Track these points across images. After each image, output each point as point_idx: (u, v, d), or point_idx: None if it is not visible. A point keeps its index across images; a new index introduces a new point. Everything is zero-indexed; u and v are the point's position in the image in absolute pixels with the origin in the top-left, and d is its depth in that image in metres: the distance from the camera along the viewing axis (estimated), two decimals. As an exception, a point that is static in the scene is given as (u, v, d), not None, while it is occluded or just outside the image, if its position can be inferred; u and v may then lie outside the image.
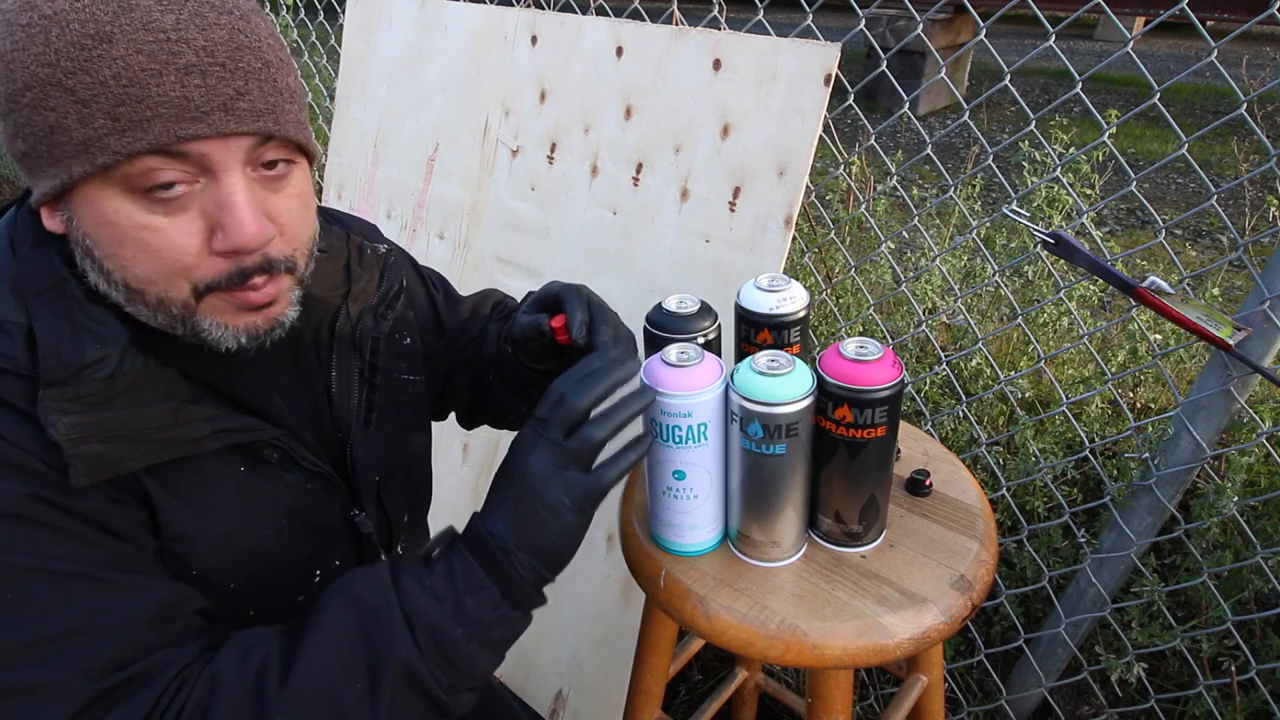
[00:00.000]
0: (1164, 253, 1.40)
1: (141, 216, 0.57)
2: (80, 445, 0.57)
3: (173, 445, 0.62)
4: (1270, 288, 1.00)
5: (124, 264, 0.58)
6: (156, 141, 0.54)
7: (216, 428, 0.64)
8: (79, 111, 0.54)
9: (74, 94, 0.53)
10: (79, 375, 0.58)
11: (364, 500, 0.78)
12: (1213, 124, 1.10)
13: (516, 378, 0.87)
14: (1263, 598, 1.39)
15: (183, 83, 0.54)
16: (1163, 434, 1.21)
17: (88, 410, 0.58)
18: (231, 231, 0.58)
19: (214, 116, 0.56)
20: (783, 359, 0.70)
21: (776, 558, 0.77)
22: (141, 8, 0.54)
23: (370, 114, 1.70)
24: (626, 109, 1.32)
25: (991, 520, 0.83)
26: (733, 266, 1.23)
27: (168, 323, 0.61)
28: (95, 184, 0.56)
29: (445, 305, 0.95)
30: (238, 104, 0.57)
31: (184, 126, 0.55)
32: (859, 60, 5.96)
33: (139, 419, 0.60)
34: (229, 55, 0.56)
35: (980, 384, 1.67)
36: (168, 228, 0.57)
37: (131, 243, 0.57)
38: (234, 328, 0.63)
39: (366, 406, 0.80)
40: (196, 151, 0.56)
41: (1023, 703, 1.49)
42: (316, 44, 2.44)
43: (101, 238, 0.58)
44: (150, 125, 0.54)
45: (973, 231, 1.39)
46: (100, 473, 0.58)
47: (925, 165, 4.31)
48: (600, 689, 1.42)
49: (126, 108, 0.53)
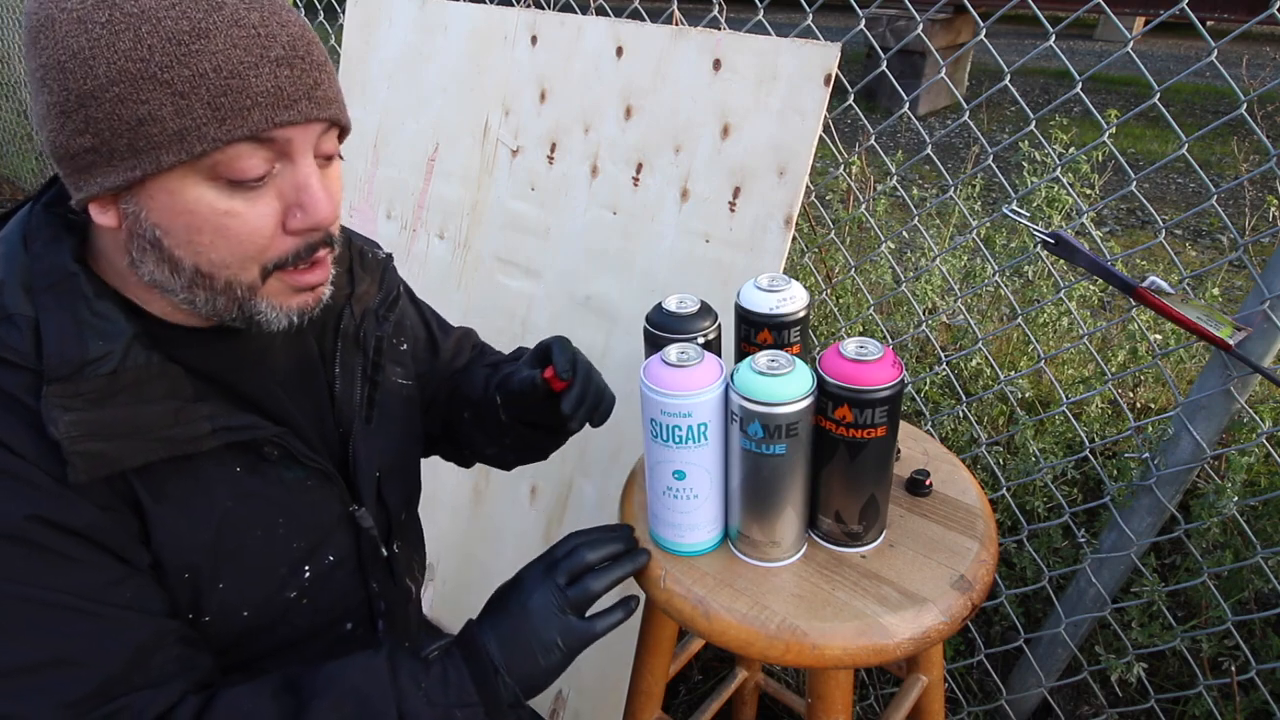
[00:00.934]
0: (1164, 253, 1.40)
1: (223, 203, 0.60)
2: (80, 443, 0.58)
3: (172, 443, 0.63)
4: (1270, 288, 1.00)
5: (199, 250, 0.61)
6: (255, 128, 0.58)
7: (217, 425, 0.65)
8: (175, 103, 0.56)
9: (171, 86, 0.56)
10: (81, 371, 0.59)
11: (364, 495, 0.80)
12: (1213, 124, 1.10)
13: (493, 424, 0.92)
14: (1263, 598, 1.39)
15: (275, 74, 0.58)
16: (1163, 434, 1.21)
17: (89, 407, 0.59)
18: (311, 210, 0.62)
19: (302, 104, 0.60)
20: (783, 359, 0.70)
21: (776, 558, 0.77)
22: (229, 5, 0.57)
23: (370, 114, 1.70)
24: (626, 109, 1.32)
25: (991, 520, 0.83)
26: (733, 266, 1.23)
27: (225, 307, 0.64)
28: (179, 174, 0.58)
29: (438, 328, 1.00)
30: (316, 93, 0.61)
31: (279, 114, 0.58)
32: (859, 60, 5.96)
33: (140, 416, 0.61)
34: (306, 49, 0.61)
35: (980, 384, 1.67)
36: (247, 212, 0.60)
37: (211, 229, 0.60)
38: (287, 308, 0.66)
39: (368, 404, 0.82)
40: (283, 137, 0.60)
41: (1023, 703, 1.49)
42: (316, 44, 2.44)
43: (177, 226, 0.60)
44: (250, 114, 0.57)
45: (973, 231, 1.39)
46: (98, 470, 0.59)
47: (925, 165, 4.31)
48: (600, 689, 1.42)
49: (227, 98, 0.57)
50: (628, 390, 1.23)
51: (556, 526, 1.46)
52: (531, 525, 1.49)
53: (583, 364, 0.84)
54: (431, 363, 0.97)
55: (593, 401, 0.84)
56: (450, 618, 1.64)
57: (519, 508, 1.51)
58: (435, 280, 1.60)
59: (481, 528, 1.58)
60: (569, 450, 1.42)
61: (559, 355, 0.83)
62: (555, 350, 0.84)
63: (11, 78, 4.00)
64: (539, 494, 1.48)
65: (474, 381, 0.95)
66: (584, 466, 1.42)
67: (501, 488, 1.54)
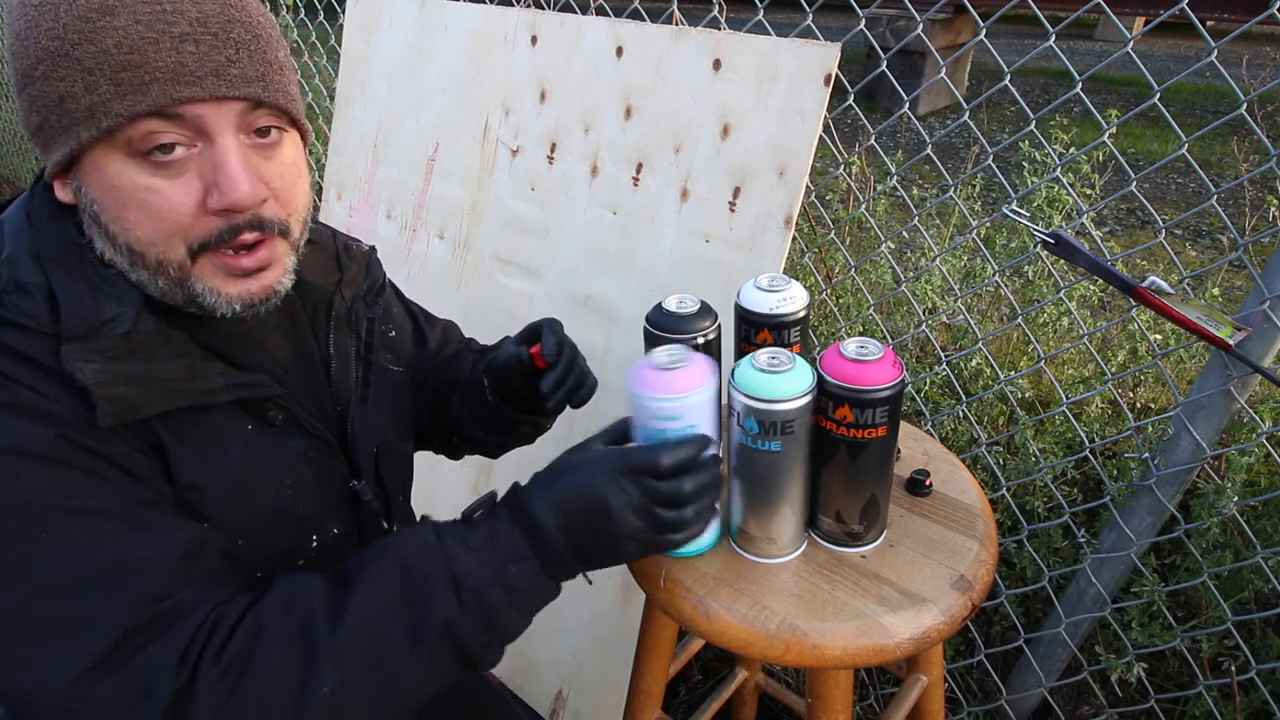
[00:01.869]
0: (1164, 253, 1.40)
1: (144, 179, 0.61)
2: (106, 388, 0.60)
3: (189, 395, 0.65)
4: (1270, 288, 1.00)
5: (127, 226, 0.62)
6: (155, 104, 0.58)
7: (229, 381, 0.67)
8: (85, 79, 0.58)
9: (80, 63, 0.58)
10: (99, 330, 0.61)
11: (362, 471, 0.81)
12: (1213, 124, 1.10)
13: (480, 406, 0.92)
14: (1263, 598, 1.39)
15: (177, 49, 0.59)
16: (1163, 434, 1.21)
17: (109, 361, 0.61)
18: (225, 189, 0.62)
19: (207, 81, 0.60)
20: (783, 356, 0.70)
21: (773, 554, 0.77)
22: None
23: (370, 114, 1.70)
24: (626, 109, 1.32)
25: (991, 520, 0.83)
26: (733, 266, 1.23)
27: (167, 287, 0.64)
28: (101, 149, 0.60)
29: (423, 319, 1.02)
30: (229, 70, 0.61)
31: (179, 89, 0.59)
32: (859, 60, 5.96)
33: (157, 371, 0.64)
34: (221, 26, 0.61)
35: (980, 384, 1.67)
36: (167, 189, 0.61)
37: (135, 204, 0.61)
38: (227, 295, 0.66)
39: (363, 383, 0.83)
40: (192, 114, 0.60)
41: (1023, 703, 1.49)
42: (316, 44, 2.44)
43: (107, 201, 0.61)
44: (149, 89, 0.58)
45: (973, 231, 1.39)
46: (125, 414, 0.61)
47: (925, 165, 4.31)
48: (600, 689, 1.42)
49: (127, 73, 0.58)
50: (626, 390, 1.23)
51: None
52: (531, 525, 1.49)
53: (568, 347, 0.86)
54: (419, 352, 0.99)
55: (573, 384, 0.85)
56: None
57: (519, 508, 1.51)
58: (435, 280, 1.60)
59: (481, 528, 1.57)
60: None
61: (547, 335, 0.85)
62: (545, 330, 0.85)
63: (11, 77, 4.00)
64: (539, 494, 1.48)
65: (462, 366, 0.97)
66: (584, 466, 1.41)
67: (501, 488, 1.54)
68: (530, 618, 0.67)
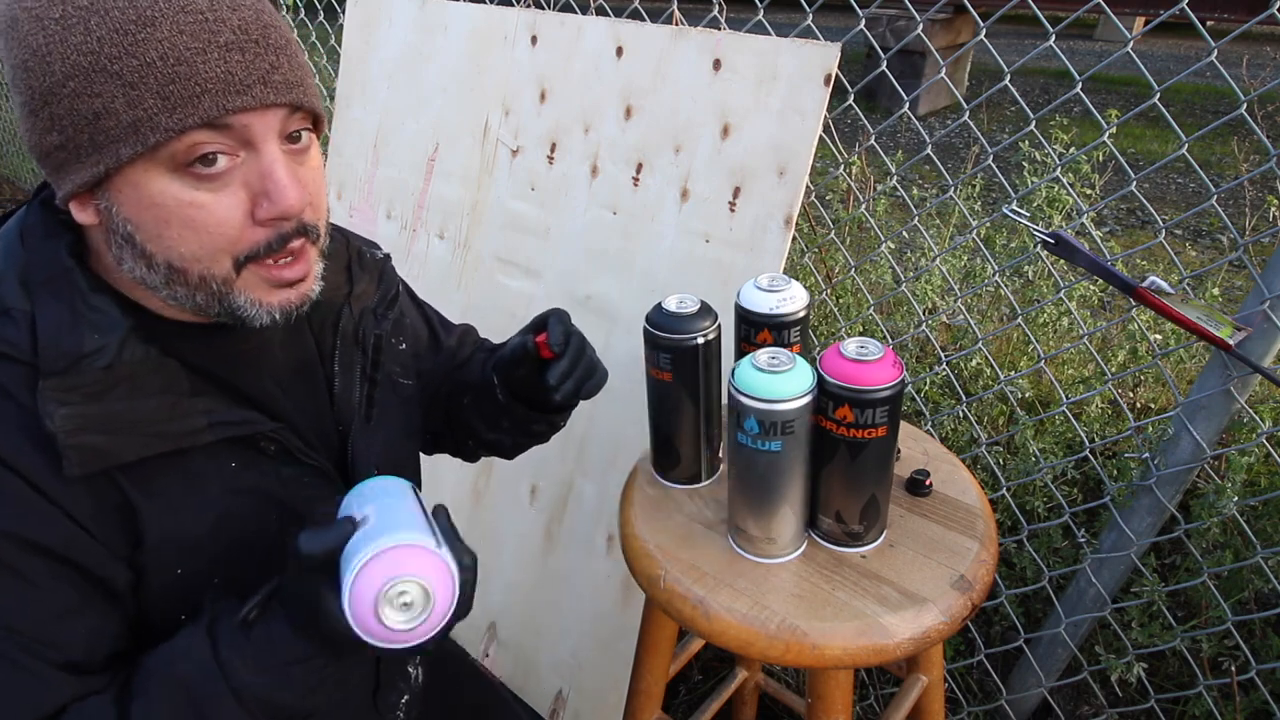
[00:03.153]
0: (1164, 253, 1.40)
1: (188, 194, 0.59)
2: (75, 436, 0.58)
3: (167, 438, 0.63)
4: (1270, 288, 1.00)
5: (169, 244, 0.60)
6: (206, 116, 0.56)
7: (213, 420, 0.65)
8: (126, 94, 0.55)
9: (120, 78, 0.55)
10: (77, 365, 0.59)
11: None
12: (1213, 124, 1.10)
13: (491, 406, 0.90)
14: (1263, 598, 1.39)
15: (225, 59, 0.57)
16: (1163, 434, 1.21)
17: (85, 401, 0.59)
18: (276, 198, 0.60)
19: (255, 89, 0.58)
20: (784, 356, 0.70)
21: (772, 554, 0.77)
22: None
23: (370, 114, 1.70)
24: (626, 109, 1.32)
25: (991, 520, 0.83)
26: (733, 266, 1.23)
27: (205, 302, 0.63)
28: (140, 166, 0.57)
29: (440, 326, 1.00)
30: (273, 77, 0.60)
31: (231, 99, 0.57)
32: (859, 60, 5.95)
33: (136, 410, 0.61)
34: (260, 33, 0.60)
35: (980, 384, 1.67)
36: (212, 203, 0.59)
37: (179, 221, 0.59)
38: (268, 304, 0.64)
39: (367, 402, 0.81)
40: (240, 124, 0.58)
41: (1023, 703, 1.49)
42: (316, 44, 2.44)
43: (146, 220, 0.59)
44: (200, 101, 0.56)
45: (973, 231, 1.39)
46: (93, 463, 0.59)
47: (925, 165, 4.31)
48: (600, 689, 1.42)
49: (176, 86, 0.56)
50: (626, 390, 1.23)
51: (556, 526, 1.46)
52: (531, 525, 1.49)
53: (575, 337, 0.84)
54: (435, 360, 0.97)
55: (582, 375, 0.83)
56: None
57: (519, 507, 1.51)
58: (435, 280, 1.60)
59: (481, 528, 1.57)
60: (569, 450, 1.43)
61: (554, 326, 0.82)
62: (551, 321, 0.83)
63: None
64: (539, 494, 1.48)
65: (473, 367, 0.95)
66: (584, 467, 1.41)
67: (501, 487, 1.54)
68: (340, 688, 0.65)
